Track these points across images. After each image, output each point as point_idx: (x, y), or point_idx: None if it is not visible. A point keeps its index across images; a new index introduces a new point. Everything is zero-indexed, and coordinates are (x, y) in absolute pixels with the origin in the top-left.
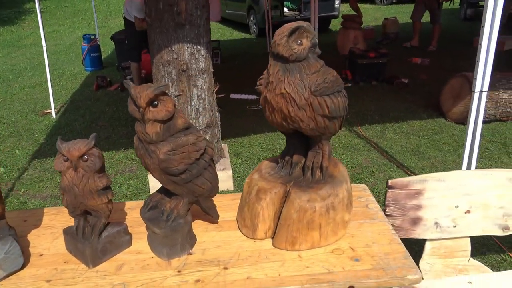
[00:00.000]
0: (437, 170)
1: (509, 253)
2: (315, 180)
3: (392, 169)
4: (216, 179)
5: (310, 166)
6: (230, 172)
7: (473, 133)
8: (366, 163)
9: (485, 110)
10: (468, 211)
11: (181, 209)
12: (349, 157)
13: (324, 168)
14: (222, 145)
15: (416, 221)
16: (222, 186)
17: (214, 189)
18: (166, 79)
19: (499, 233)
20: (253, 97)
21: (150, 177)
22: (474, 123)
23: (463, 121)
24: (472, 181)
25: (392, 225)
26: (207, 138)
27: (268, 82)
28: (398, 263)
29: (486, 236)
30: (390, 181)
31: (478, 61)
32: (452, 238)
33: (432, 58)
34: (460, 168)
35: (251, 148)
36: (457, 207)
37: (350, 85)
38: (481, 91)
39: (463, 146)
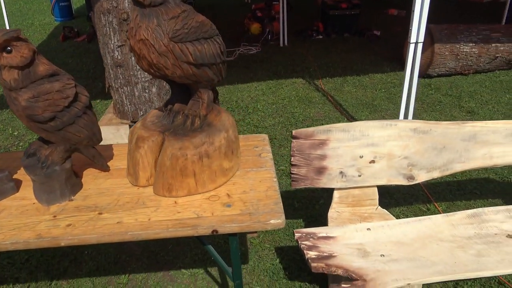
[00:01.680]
0: None
1: (435, 203)
2: (193, 129)
3: (341, 122)
4: (94, 127)
5: (188, 114)
6: None
7: (409, 85)
8: (318, 116)
9: (445, 63)
10: (373, 161)
11: (55, 156)
12: (302, 110)
13: (202, 116)
14: None
15: (321, 170)
16: None
17: (93, 137)
18: (108, 28)
19: (404, 182)
20: None
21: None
22: (410, 74)
23: (423, 74)
24: (376, 131)
25: (298, 174)
26: (153, 90)
27: (130, 28)
28: (266, 209)
29: (416, 186)
30: (294, 131)
31: (413, 11)
32: (359, 187)
33: (409, 9)
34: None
35: None
36: (362, 157)
37: (321, 37)
38: (416, 42)
39: (416, 100)
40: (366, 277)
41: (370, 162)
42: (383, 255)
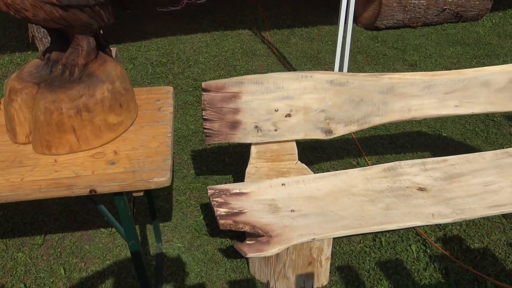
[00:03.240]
0: None
1: (365, 157)
2: (72, 80)
3: None
4: None
5: (66, 64)
6: None
7: (343, 35)
8: (260, 68)
9: (393, 15)
10: (289, 115)
11: None
12: (245, 63)
13: (80, 66)
14: (111, 48)
15: (235, 125)
16: None
17: None
18: None
19: (322, 136)
20: None
21: None
22: (344, 24)
23: (371, 26)
24: (291, 83)
25: (211, 129)
26: None
27: None
28: (153, 166)
29: (349, 140)
30: (204, 84)
31: None
32: (276, 142)
33: None
34: None
35: (148, 52)
36: (277, 110)
37: None
38: None
39: (359, 53)
40: (272, 233)
41: (286, 116)
42: (293, 211)
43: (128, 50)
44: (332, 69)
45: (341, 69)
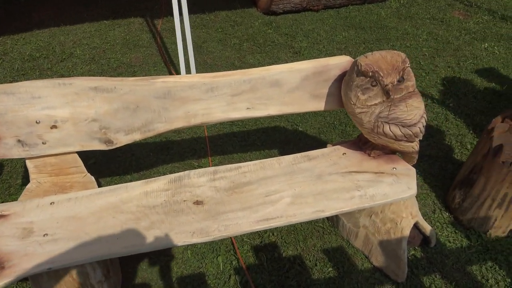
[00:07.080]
0: (209, 68)
1: (209, 157)
2: None
3: (156, 68)
4: None
5: None
6: None
7: (182, 28)
8: (135, 61)
9: None
10: (55, 126)
11: None
12: (121, 55)
13: None
14: None
15: None
16: None
17: None
18: None
19: (103, 147)
20: None
21: None
22: (180, 13)
23: (268, 11)
24: (48, 92)
25: None
26: None
27: None
28: None
29: (201, 138)
30: None
31: None
32: (54, 155)
33: None
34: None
35: (24, 46)
36: (39, 122)
37: None
38: None
39: (247, 41)
40: (6, 264)
41: (51, 128)
42: (47, 235)
43: (4, 44)
44: (213, 60)
45: (187, 66)
